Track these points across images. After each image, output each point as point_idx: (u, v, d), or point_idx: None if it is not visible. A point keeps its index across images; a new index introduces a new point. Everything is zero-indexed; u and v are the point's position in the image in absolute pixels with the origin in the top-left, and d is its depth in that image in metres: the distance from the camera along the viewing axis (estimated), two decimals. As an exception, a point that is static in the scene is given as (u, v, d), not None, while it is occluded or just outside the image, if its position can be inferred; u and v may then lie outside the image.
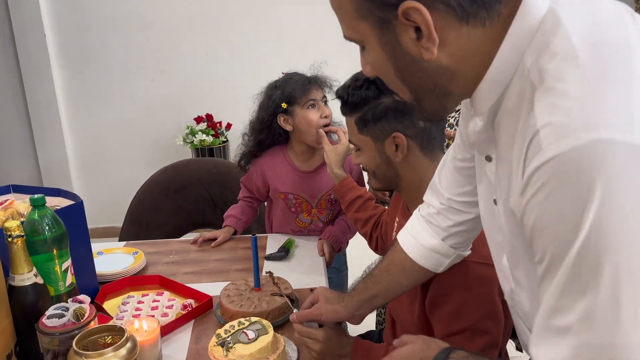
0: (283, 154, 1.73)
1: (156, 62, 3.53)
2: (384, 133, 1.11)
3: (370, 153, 1.16)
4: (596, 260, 0.53)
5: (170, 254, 1.67)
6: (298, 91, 1.59)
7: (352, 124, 1.17)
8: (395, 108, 1.09)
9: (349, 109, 1.16)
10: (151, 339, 1.10)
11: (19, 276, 1.08)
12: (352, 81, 1.15)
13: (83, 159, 3.71)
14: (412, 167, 1.13)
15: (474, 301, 1.03)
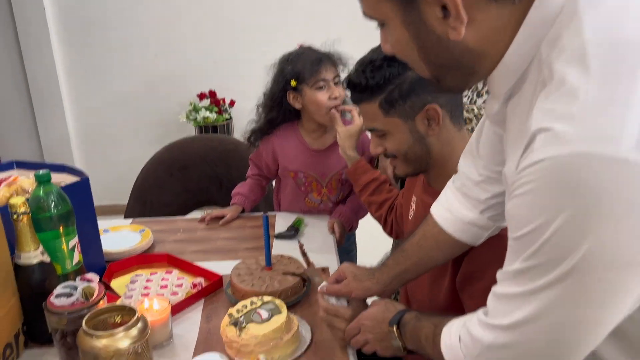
0: (294, 132, 1.68)
1: (158, 38, 3.47)
2: (415, 109, 1.04)
3: (400, 135, 1.07)
4: (551, 260, 0.56)
5: (177, 232, 1.64)
6: (307, 70, 1.52)
7: (373, 110, 1.07)
8: (421, 79, 1.01)
9: (369, 93, 1.06)
10: (162, 319, 1.07)
11: (25, 254, 1.05)
12: (366, 64, 1.06)
13: (85, 136, 3.67)
14: (442, 140, 1.07)
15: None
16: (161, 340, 1.09)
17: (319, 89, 1.53)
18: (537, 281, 0.58)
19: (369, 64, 1.05)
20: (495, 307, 0.67)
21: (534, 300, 0.59)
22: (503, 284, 0.65)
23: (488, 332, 0.67)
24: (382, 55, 1.03)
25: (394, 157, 1.13)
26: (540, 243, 0.56)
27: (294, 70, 1.54)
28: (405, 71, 1.03)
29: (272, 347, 1.03)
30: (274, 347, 1.03)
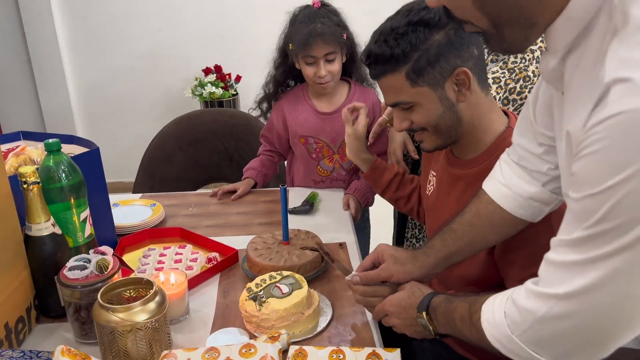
0: (303, 95, 1.65)
1: (162, 10, 3.38)
2: (444, 74, 0.97)
3: (431, 105, 1.00)
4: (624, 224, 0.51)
5: (188, 207, 1.60)
6: (299, 42, 1.48)
7: (399, 81, 0.99)
8: (449, 42, 0.95)
9: (394, 64, 0.98)
10: (179, 293, 1.04)
11: (36, 226, 1.01)
12: (387, 32, 0.98)
13: (88, 111, 3.61)
14: (472, 106, 1.01)
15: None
16: (178, 315, 1.05)
17: (307, 64, 1.51)
18: (604, 248, 0.54)
19: (391, 32, 0.97)
20: (551, 275, 0.62)
21: (599, 267, 0.55)
22: (560, 251, 0.61)
23: (541, 302, 0.62)
24: (404, 22, 0.96)
25: (422, 130, 1.06)
26: (611, 205, 0.51)
27: (291, 35, 1.52)
28: (431, 35, 0.96)
29: (294, 322, 0.99)
30: (295, 322, 1.00)
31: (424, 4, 0.94)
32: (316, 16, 1.49)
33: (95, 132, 3.62)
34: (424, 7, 0.96)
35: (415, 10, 0.96)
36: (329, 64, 1.51)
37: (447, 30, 0.95)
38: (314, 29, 1.46)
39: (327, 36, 1.46)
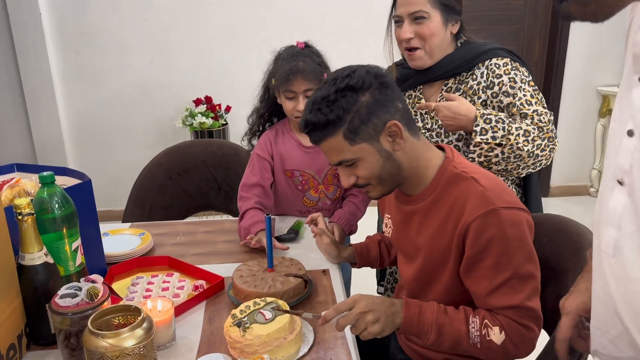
0: (287, 130, 1.71)
1: (154, 43, 3.48)
2: (377, 129, 1.07)
3: (371, 158, 1.09)
4: None
5: (176, 236, 1.65)
6: (281, 78, 1.56)
7: (339, 143, 1.08)
8: (375, 100, 1.06)
9: (331, 128, 1.06)
10: (165, 320, 1.08)
11: (29, 255, 1.05)
12: (318, 102, 1.07)
13: (79, 141, 3.66)
14: (408, 152, 1.11)
15: (512, 247, 1.02)
16: (165, 341, 1.09)
17: (288, 99, 1.58)
18: None
19: (323, 101, 1.06)
20: None
21: None
22: None
23: None
24: (332, 89, 1.06)
25: (368, 184, 1.14)
26: None
27: (274, 72, 1.61)
28: (359, 97, 1.06)
29: (276, 347, 1.03)
30: (278, 347, 1.04)
31: (347, 71, 1.07)
32: (299, 55, 1.58)
33: (86, 162, 3.67)
34: (347, 75, 1.06)
35: (340, 78, 1.06)
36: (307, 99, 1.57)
37: (372, 91, 1.06)
38: (295, 66, 1.54)
39: (308, 73, 1.53)
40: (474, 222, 1.03)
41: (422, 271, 1.17)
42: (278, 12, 3.47)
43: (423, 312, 1.07)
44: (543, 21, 3.83)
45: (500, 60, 1.47)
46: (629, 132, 0.69)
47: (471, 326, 1.05)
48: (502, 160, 1.39)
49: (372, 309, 1.03)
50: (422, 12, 1.42)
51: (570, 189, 4.07)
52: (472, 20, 3.76)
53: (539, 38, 3.87)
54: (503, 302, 1.04)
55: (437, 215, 1.12)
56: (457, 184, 1.10)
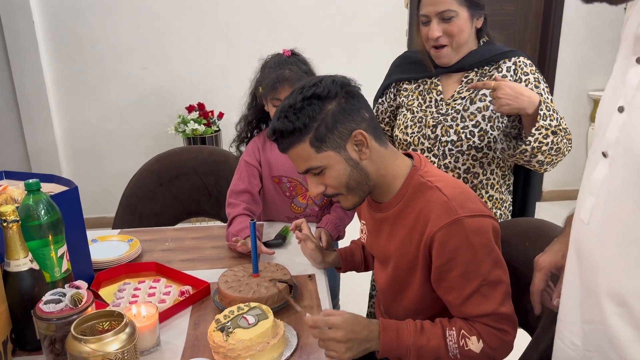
0: (265, 142, 1.74)
1: (147, 50, 3.49)
2: (343, 137, 1.09)
3: (338, 166, 1.10)
4: None
5: (165, 242, 1.66)
6: (268, 86, 1.59)
7: (306, 151, 1.09)
8: (342, 109, 1.08)
9: (298, 135, 1.08)
10: (150, 325, 1.09)
11: (15, 262, 1.06)
12: (286, 110, 1.09)
13: (73, 149, 3.67)
14: (374, 161, 1.12)
15: (478, 255, 1.04)
16: (149, 346, 1.10)
17: (274, 106, 1.60)
18: None
19: (290, 109, 1.08)
20: None
21: None
22: None
23: None
24: (299, 98, 1.08)
25: (337, 194, 1.15)
26: None
27: (261, 80, 1.63)
28: (325, 105, 1.08)
29: (259, 351, 1.05)
30: (260, 352, 1.05)
31: (314, 81, 1.10)
32: (285, 63, 1.61)
33: (80, 169, 3.68)
34: (314, 84, 1.09)
35: (307, 87, 1.09)
36: None
37: (338, 100, 1.09)
38: (282, 74, 1.57)
39: (294, 82, 1.55)
40: (438, 233, 1.05)
41: (393, 279, 1.19)
42: (271, 19, 3.49)
43: (400, 335, 1.08)
44: (534, 27, 3.86)
45: (527, 60, 1.49)
46: (619, 109, 0.74)
47: (449, 339, 1.07)
48: (548, 150, 1.38)
49: (349, 339, 1.04)
50: (450, 10, 1.42)
51: (562, 194, 4.09)
52: (463, 26, 3.79)
53: (529, 44, 3.90)
54: (477, 310, 1.06)
55: (404, 223, 1.13)
56: (422, 193, 1.11)
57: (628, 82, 0.73)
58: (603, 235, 0.77)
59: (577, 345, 0.85)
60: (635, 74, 0.72)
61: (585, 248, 0.82)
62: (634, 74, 0.72)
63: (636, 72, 0.72)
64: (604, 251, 0.77)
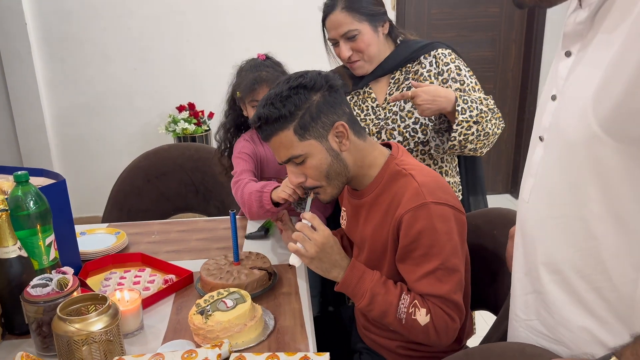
0: (258, 138, 1.77)
1: (138, 51, 3.55)
2: (326, 128, 1.15)
3: (320, 155, 1.15)
4: None
5: (152, 234, 1.71)
6: (246, 88, 1.62)
7: (289, 137, 1.14)
8: (326, 101, 1.14)
9: (282, 123, 1.13)
10: (133, 309, 1.15)
11: (4, 249, 1.11)
12: (272, 98, 1.14)
13: (65, 149, 3.71)
14: (353, 152, 1.18)
15: (440, 239, 1.10)
16: (132, 329, 1.15)
17: (253, 107, 1.64)
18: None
19: (276, 97, 1.13)
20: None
21: None
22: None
23: None
24: (286, 87, 1.14)
25: (317, 187, 1.21)
26: None
27: (238, 83, 1.67)
28: (310, 96, 1.14)
29: (236, 332, 1.10)
30: (238, 333, 1.11)
31: (301, 72, 1.17)
32: (261, 66, 1.66)
33: (72, 169, 3.72)
34: (300, 75, 1.16)
35: (294, 77, 1.16)
36: None
37: (323, 92, 1.15)
38: (259, 75, 1.61)
39: (272, 82, 1.58)
40: (406, 215, 1.11)
41: (367, 262, 1.24)
42: (258, 21, 3.56)
43: (363, 278, 1.16)
44: (519, 28, 3.94)
45: (445, 50, 1.57)
46: (552, 97, 0.83)
47: (401, 302, 1.13)
48: (476, 139, 1.46)
49: (321, 250, 1.15)
50: (352, 30, 1.49)
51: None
52: (449, 28, 3.87)
53: (515, 44, 3.98)
54: (429, 289, 1.11)
55: (379, 208, 1.20)
56: (397, 180, 1.17)
57: (559, 74, 0.81)
58: (540, 211, 0.85)
59: (520, 317, 0.92)
60: (564, 66, 0.81)
61: (526, 225, 0.89)
62: (563, 66, 0.81)
63: (565, 64, 0.80)
64: (541, 225, 0.84)
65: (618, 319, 0.76)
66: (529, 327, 0.90)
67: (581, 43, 0.77)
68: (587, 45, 0.76)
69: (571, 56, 0.79)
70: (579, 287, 0.79)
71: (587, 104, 0.72)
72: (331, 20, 1.50)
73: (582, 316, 0.80)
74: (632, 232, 0.73)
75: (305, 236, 1.16)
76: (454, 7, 3.82)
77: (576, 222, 0.78)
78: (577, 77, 0.77)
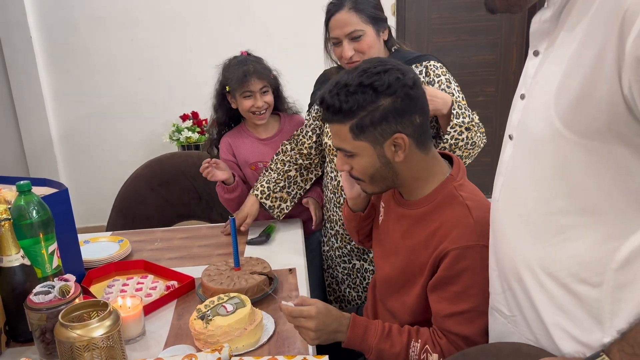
0: (243, 129, 1.89)
1: (142, 61, 3.58)
2: (384, 136, 1.07)
3: (368, 158, 1.11)
4: None
5: (154, 242, 1.73)
6: (237, 81, 1.74)
7: (344, 132, 1.10)
8: (394, 109, 1.06)
9: (341, 116, 1.08)
10: (134, 315, 1.16)
11: (7, 257, 1.13)
12: (341, 87, 1.08)
13: (71, 160, 3.75)
14: (409, 164, 1.12)
15: (480, 284, 1.04)
16: (134, 335, 1.17)
17: (245, 97, 1.76)
18: None
19: (344, 88, 1.07)
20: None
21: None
22: None
23: None
24: (357, 81, 1.06)
25: (360, 179, 1.17)
26: None
27: (227, 78, 1.79)
28: (378, 99, 1.05)
29: (236, 336, 1.12)
30: (238, 337, 1.12)
31: (380, 68, 1.07)
32: (247, 61, 1.79)
33: (78, 179, 3.76)
34: (378, 72, 1.06)
35: (370, 73, 1.06)
36: (265, 95, 1.78)
37: (394, 98, 1.06)
38: (248, 69, 1.74)
39: (261, 73, 1.74)
40: (454, 251, 1.06)
41: (401, 274, 1.20)
42: (259, 30, 3.58)
43: (367, 334, 1.12)
44: (519, 31, 3.95)
45: (437, 63, 1.58)
46: (521, 96, 0.84)
47: (411, 350, 1.10)
48: (464, 145, 1.48)
49: (319, 329, 1.09)
50: (358, 30, 1.50)
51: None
52: (450, 32, 3.88)
53: (516, 47, 3.98)
54: (457, 329, 1.08)
55: (424, 229, 1.14)
56: (451, 206, 1.11)
57: (528, 73, 0.83)
58: (509, 208, 0.86)
59: (504, 312, 0.93)
60: (532, 65, 0.82)
61: (497, 223, 0.90)
62: (532, 66, 0.82)
63: (533, 63, 0.82)
64: (509, 222, 0.86)
65: (588, 314, 0.76)
66: (513, 323, 0.91)
67: (548, 41, 0.79)
68: (552, 44, 0.77)
69: (539, 55, 0.81)
70: (548, 284, 0.80)
71: (549, 100, 0.74)
72: (337, 19, 1.52)
73: (554, 313, 0.80)
74: (597, 225, 0.74)
75: (298, 326, 1.11)
76: (454, 12, 3.84)
77: (543, 217, 0.79)
78: (543, 75, 0.78)
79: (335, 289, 1.78)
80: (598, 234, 0.74)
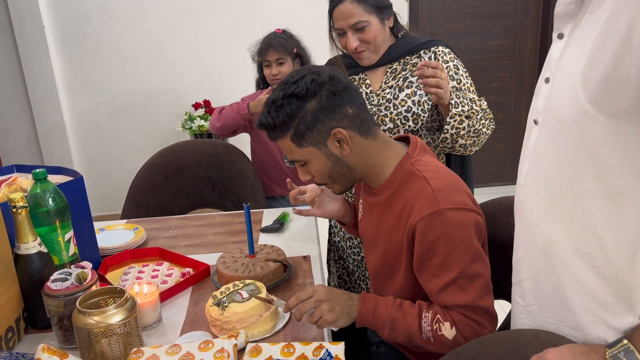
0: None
1: (154, 50, 3.59)
2: (323, 135, 1.12)
3: (319, 160, 1.15)
4: None
5: (169, 229, 1.74)
6: (259, 52, 2.12)
7: (288, 144, 1.14)
8: (322, 108, 1.10)
9: (279, 131, 1.13)
10: (151, 302, 1.17)
11: (24, 245, 1.14)
12: (270, 105, 1.13)
13: (85, 149, 3.78)
14: (359, 154, 1.15)
15: (458, 247, 1.06)
16: (151, 321, 1.18)
17: (266, 67, 2.10)
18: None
19: (272, 105, 1.12)
20: None
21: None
22: None
23: None
24: (281, 95, 1.11)
25: (323, 183, 1.21)
26: None
27: (257, 50, 2.14)
28: (304, 104, 1.10)
29: (252, 323, 1.12)
30: (254, 324, 1.12)
31: (296, 77, 1.11)
32: (274, 36, 2.11)
33: (92, 169, 3.79)
34: (295, 80, 1.11)
35: (289, 84, 1.11)
36: (280, 66, 2.07)
37: (318, 98, 1.10)
38: (268, 40, 2.09)
39: (277, 46, 2.06)
40: (420, 223, 1.07)
41: (382, 264, 1.22)
42: (269, 19, 3.56)
43: (378, 308, 1.12)
44: (534, 16, 3.88)
45: (445, 49, 1.56)
46: (546, 80, 0.83)
47: (423, 321, 1.09)
48: (467, 134, 1.46)
49: (329, 299, 1.10)
50: (362, 21, 1.48)
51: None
52: (463, 17, 3.83)
53: (530, 33, 3.92)
54: (453, 300, 1.07)
55: (392, 211, 1.16)
56: (410, 182, 1.13)
57: (552, 56, 0.82)
58: (536, 193, 0.85)
59: (519, 303, 0.92)
60: (557, 49, 0.81)
61: (524, 209, 0.89)
62: (556, 49, 0.81)
63: (558, 46, 0.80)
64: (537, 208, 0.84)
65: (617, 299, 0.76)
66: (528, 312, 0.90)
67: (572, 24, 0.78)
68: (577, 26, 0.76)
69: (563, 38, 0.80)
70: (578, 267, 0.79)
71: (576, 81, 0.72)
72: (340, 10, 1.50)
73: (582, 297, 0.80)
74: (626, 207, 0.73)
75: (308, 311, 1.10)
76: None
77: (571, 200, 0.78)
78: (568, 57, 0.77)
79: (347, 280, 1.77)
80: (628, 215, 0.72)
